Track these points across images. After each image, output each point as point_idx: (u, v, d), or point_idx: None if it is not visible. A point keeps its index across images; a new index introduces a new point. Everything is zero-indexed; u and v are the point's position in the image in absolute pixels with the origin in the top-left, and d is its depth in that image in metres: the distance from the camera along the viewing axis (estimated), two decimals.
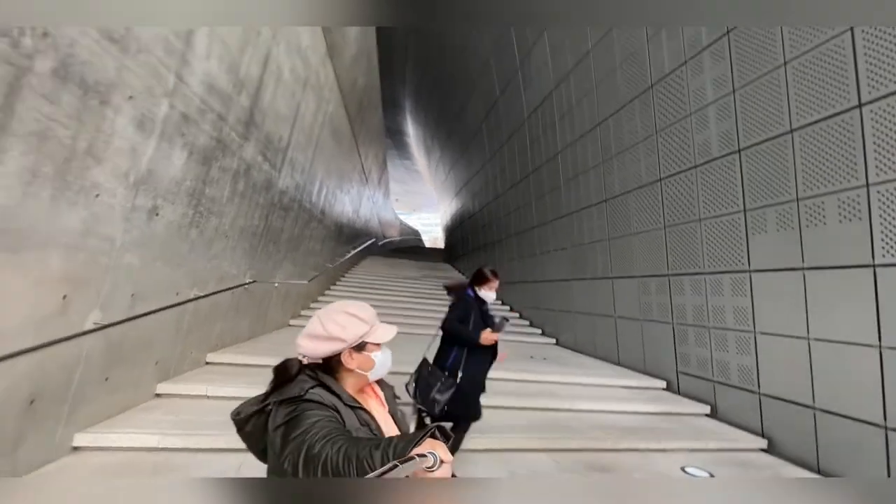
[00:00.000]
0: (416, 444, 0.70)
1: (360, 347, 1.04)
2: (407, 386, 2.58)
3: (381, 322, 1.09)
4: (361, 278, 10.55)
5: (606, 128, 5.69)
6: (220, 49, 2.81)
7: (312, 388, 0.95)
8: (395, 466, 0.62)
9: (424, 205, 34.67)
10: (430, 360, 2.66)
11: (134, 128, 2.20)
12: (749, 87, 3.59)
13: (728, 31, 3.77)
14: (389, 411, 1.13)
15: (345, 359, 1.03)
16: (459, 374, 2.51)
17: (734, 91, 3.74)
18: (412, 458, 0.65)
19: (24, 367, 1.88)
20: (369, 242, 14.37)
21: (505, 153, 9.46)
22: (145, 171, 2.37)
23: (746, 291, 3.63)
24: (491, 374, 2.73)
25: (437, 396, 2.44)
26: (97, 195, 2.07)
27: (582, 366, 5.30)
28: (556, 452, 2.99)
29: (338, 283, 9.67)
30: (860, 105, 2.81)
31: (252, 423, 0.98)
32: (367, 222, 14.05)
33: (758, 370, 3.52)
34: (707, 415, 3.95)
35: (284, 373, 0.98)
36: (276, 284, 5.40)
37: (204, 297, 3.39)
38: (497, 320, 2.63)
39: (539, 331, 7.94)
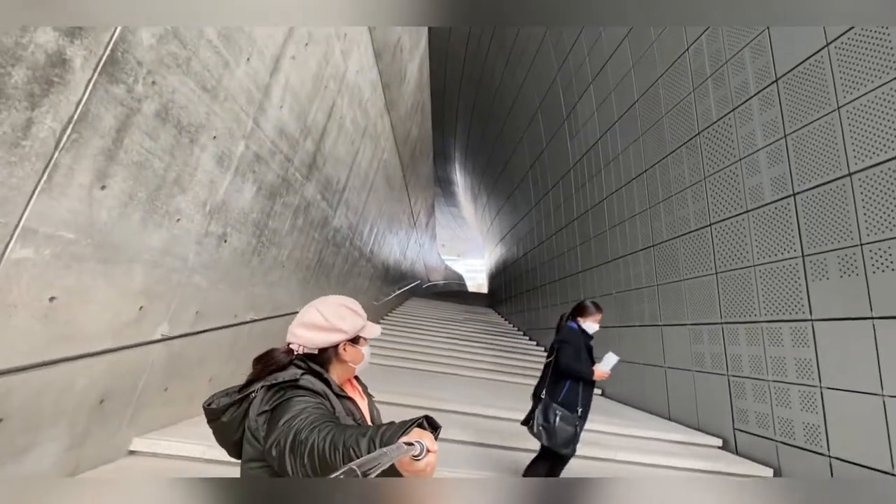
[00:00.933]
0: (405, 432, 0.70)
1: (355, 341, 1.10)
2: (531, 424, 2.56)
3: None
4: (406, 318, 10.70)
5: (653, 174, 5.67)
6: (291, 99, 3.20)
7: (303, 374, 0.97)
8: (383, 454, 0.60)
9: (469, 251, 35.10)
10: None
11: (214, 163, 2.53)
12: (802, 132, 3.52)
13: (777, 79, 3.77)
14: (367, 405, 1.18)
15: (341, 350, 1.08)
16: (578, 409, 2.50)
17: (786, 136, 3.67)
18: (399, 446, 0.64)
19: (100, 368, 2.12)
20: (414, 284, 14.64)
21: (550, 200, 9.56)
22: (220, 201, 2.69)
23: (809, 342, 3.36)
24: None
25: (570, 429, 2.43)
26: (178, 219, 2.37)
27: (629, 417, 4.98)
28: None
29: (382, 320, 9.86)
30: None
31: (230, 414, 0.98)
32: (412, 264, 14.41)
33: (826, 430, 3.17)
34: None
35: (271, 361, 1.01)
36: None
37: (259, 320, 3.63)
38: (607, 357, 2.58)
39: None
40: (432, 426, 0.76)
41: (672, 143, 5.25)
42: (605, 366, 2.53)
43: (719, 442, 4.22)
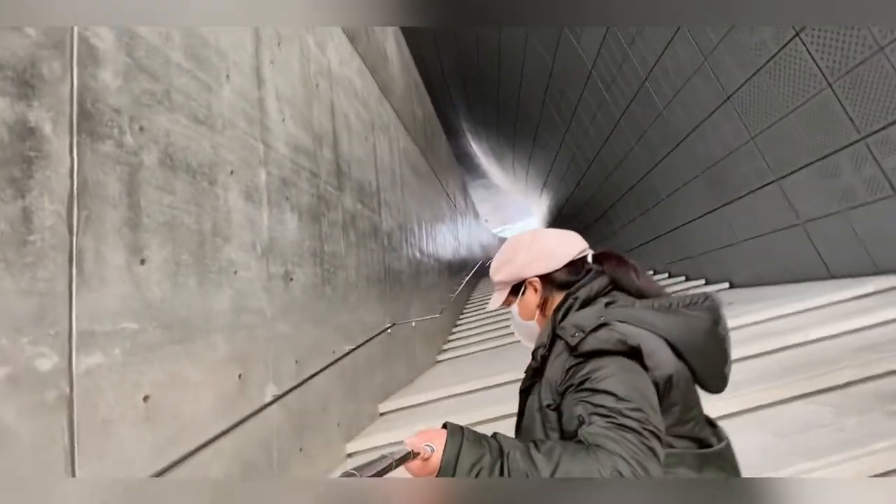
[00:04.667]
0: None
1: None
2: None
3: None
4: (487, 299, 10.35)
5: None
6: (290, 109, 2.89)
7: None
8: (384, 458, 0.62)
9: (514, 215, 34.11)
10: None
11: (244, 200, 2.26)
12: None
13: None
14: None
15: None
16: None
17: None
18: (403, 450, 0.65)
19: (227, 451, 1.90)
20: (476, 266, 14.28)
21: (581, 112, 8.74)
22: (268, 239, 2.42)
23: None
24: None
25: None
26: (235, 272, 2.11)
27: (785, 294, 4.27)
28: (814, 396, 2.27)
29: (464, 312, 9.57)
30: None
31: None
32: (469, 247, 14.05)
33: None
34: None
35: None
36: (413, 324, 5.39)
37: (356, 348, 3.39)
38: None
39: (702, 280, 6.83)
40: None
41: None
42: None
43: None
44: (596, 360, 0.70)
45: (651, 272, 8.62)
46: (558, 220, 15.32)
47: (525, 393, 0.85)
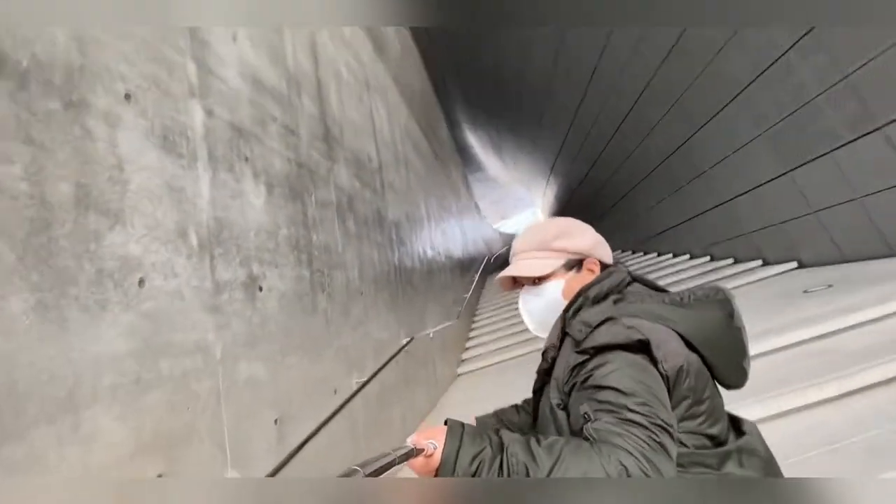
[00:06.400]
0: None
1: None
2: None
3: None
4: (499, 299, 9.36)
5: None
6: (247, 25, 1.88)
7: None
8: (387, 456, 0.62)
9: (512, 210, 33.17)
10: None
11: (157, 150, 1.25)
12: None
13: None
14: None
15: None
16: None
17: None
18: (405, 447, 0.65)
19: None
20: (484, 263, 13.31)
21: (596, 85, 7.76)
22: (211, 221, 1.42)
23: None
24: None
25: None
26: (141, 281, 1.11)
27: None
28: None
29: (477, 313, 8.57)
30: None
31: None
32: (475, 242, 13.09)
33: None
34: None
35: None
36: (431, 335, 4.40)
37: (368, 381, 2.39)
38: None
39: (758, 262, 5.88)
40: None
41: None
42: None
43: None
44: (601, 355, 0.69)
45: (686, 256, 7.69)
46: (568, 207, 14.38)
47: (538, 394, 0.83)
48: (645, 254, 9.28)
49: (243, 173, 1.64)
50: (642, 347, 0.68)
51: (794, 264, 5.31)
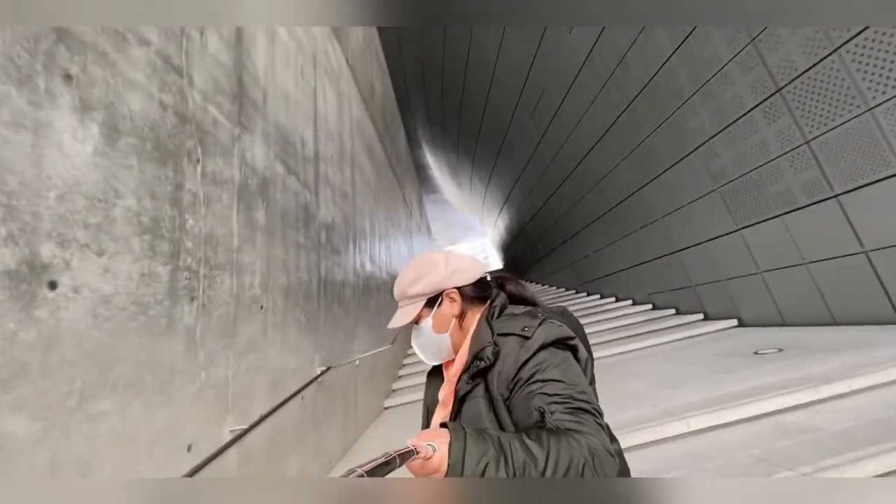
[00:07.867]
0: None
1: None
2: None
3: None
4: None
5: None
6: None
7: None
8: (387, 456, 0.60)
9: (462, 235, 33.14)
10: None
11: None
12: None
13: None
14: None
15: None
16: None
17: None
18: (405, 448, 0.64)
19: None
20: None
21: (556, 129, 7.70)
22: None
23: None
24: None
25: None
26: None
27: (857, 343, 3.21)
28: None
29: None
30: None
31: None
32: None
33: None
34: None
35: None
36: (357, 362, 3.75)
37: (252, 427, 1.73)
38: None
39: (700, 315, 5.83)
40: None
41: None
42: None
43: None
44: (541, 352, 0.77)
45: (629, 301, 7.64)
46: (518, 240, 14.32)
47: (462, 399, 0.84)
48: (588, 294, 9.21)
49: (55, 96, 1.01)
50: (571, 345, 0.80)
51: (735, 322, 5.28)
